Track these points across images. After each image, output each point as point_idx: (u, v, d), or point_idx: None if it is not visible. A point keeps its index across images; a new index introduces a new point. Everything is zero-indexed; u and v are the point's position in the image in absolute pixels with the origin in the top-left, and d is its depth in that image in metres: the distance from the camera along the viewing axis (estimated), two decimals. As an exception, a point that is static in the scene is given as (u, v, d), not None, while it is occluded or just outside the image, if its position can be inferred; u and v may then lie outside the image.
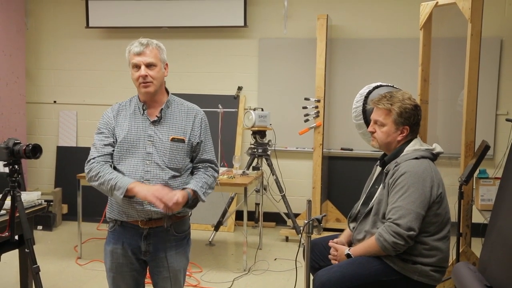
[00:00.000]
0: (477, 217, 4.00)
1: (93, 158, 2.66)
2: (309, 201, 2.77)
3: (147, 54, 2.62)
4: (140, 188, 2.53)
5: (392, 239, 2.74)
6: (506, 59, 5.82)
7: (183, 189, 2.63)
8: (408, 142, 3.00)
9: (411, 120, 2.97)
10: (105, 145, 2.67)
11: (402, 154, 2.95)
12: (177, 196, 2.53)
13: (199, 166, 2.77)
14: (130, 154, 2.65)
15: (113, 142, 2.67)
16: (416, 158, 2.88)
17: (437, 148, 3.02)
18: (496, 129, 5.85)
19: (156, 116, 2.69)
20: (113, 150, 2.67)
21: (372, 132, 3.06)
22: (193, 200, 2.67)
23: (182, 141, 2.68)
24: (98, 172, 2.61)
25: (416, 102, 3.03)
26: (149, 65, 2.62)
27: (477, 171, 3.80)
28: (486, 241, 2.91)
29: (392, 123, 2.97)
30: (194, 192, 2.64)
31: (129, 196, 2.56)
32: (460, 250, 3.89)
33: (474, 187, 3.98)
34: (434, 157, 2.99)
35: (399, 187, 2.81)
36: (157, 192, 2.49)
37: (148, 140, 2.65)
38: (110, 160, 2.67)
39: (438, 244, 2.85)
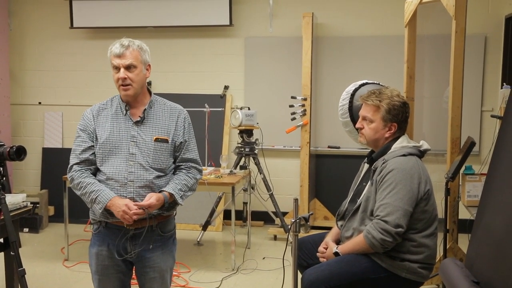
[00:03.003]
0: (464, 213, 4.02)
1: (73, 166, 2.66)
2: (295, 200, 2.76)
3: (127, 56, 2.59)
4: (114, 208, 2.55)
5: (380, 236, 2.75)
6: (490, 55, 5.86)
7: (160, 191, 2.63)
8: (395, 139, 3.01)
9: (399, 117, 2.98)
10: (84, 150, 2.66)
11: (390, 151, 2.96)
12: (152, 199, 2.55)
13: (182, 166, 2.75)
14: (113, 155, 2.62)
15: (93, 145, 2.66)
16: (404, 155, 2.89)
17: (424, 145, 3.04)
18: (482, 126, 5.89)
19: (139, 116, 2.67)
20: (93, 154, 2.66)
21: (360, 128, 3.06)
22: (170, 203, 2.66)
23: (166, 141, 2.67)
24: (80, 182, 2.62)
25: (404, 99, 3.04)
26: (128, 67, 2.59)
27: (463, 168, 3.82)
28: (473, 237, 2.92)
29: (381, 120, 2.97)
30: (171, 195, 2.63)
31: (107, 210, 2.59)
32: (447, 246, 3.91)
33: (460, 183, 4.00)
34: (421, 154, 3.00)
35: (387, 184, 2.81)
36: (125, 213, 2.53)
37: (131, 141, 2.63)
38: (91, 167, 2.67)
39: (425, 241, 2.86)
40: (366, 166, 3.18)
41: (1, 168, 3.00)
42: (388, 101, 2.95)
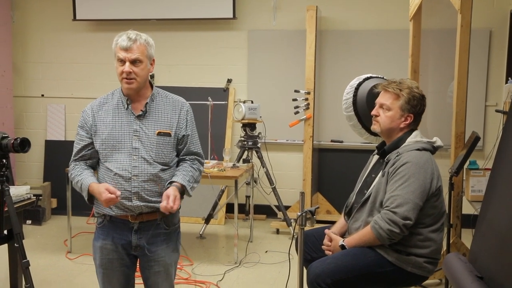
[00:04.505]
0: (468, 208, 4.02)
1: (71, 163, 2.72)
2: (302, 193, 2.76)
3: (133, 50, 2.56)
4: (95, 192, 2.56)
5: (387, 227, 2.74)
6: (495, 50, 5.84)
7: (171, 182, 2.62)
8: (409, 132, 3.00)
9: (417, 109, 2.98)
10: (81, 148, 2.69)
11: (404, 144, 2.95)
12: (177, 196, 2.56)
13: (186, 158, 2.75)
14: (116, 150, 2.62)
15: (91, 142, 2.67)
16: (418, 150, 2.88)
17: (438, 141, 3.03)
18: (486, 120, 5.88)
19: (141, 110, 2.65)
20: (90, 149, 2.68)
21: (376, 116, 3.04)
22: (181, 194, 2.66)
23: (169, 134, 2.66)
24: (71, 174, 2.68)
25: (423, 92, 3.03)
26: (134, 62, 2.57)
27: (467, 162, 3.81)
28: (477, 232, 2.92)
29: (398, 109, 2.96)
30: (182, 186, 2.63)
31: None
32: (451, 241, 3.91)
33: (464, 178, 4.00)
34: (434, 150, 2.99)
35: (400, 176, 2.81)
36: (106, 196, 2.49)
37: (134, 135, 2.62)
38: (87, 161, 2.70)
39: (432, 235, 2.86)
40: (375, 158, 3.17)
41: (5, 160, 3.00)
42: (408, 90, 2.95)
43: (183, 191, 2.65)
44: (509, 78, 4.51)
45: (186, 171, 2.69)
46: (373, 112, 3.06)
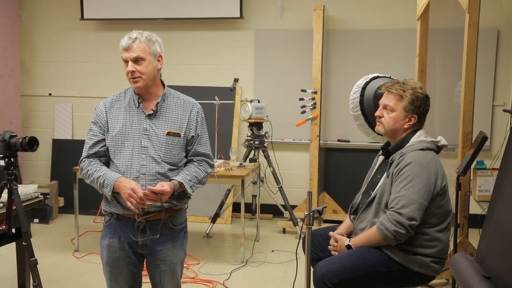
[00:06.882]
0: (475, 208, 4.00)
1: (83, 159, 2.70)
2: (309, 193, 2.76)
3: (133, 49, 2.58)
4: (121, 189, 2.54)
5: (393, 228, 2.74)
6: (503, 49, 5.81)
7: (170, 180, 2.62)
8: (413, 132, 2.99)
9: (421, 109, 2.97)
10: (94, 144, 2.68)
11: (408, 144, 2.95)
12: (165, 186, 2.54)
13: (194, 160, 2.74)
14: (125, 148, 2.63)
15: (104, 138, 2.67)
16: (422, 150, 2.88)
17: (442, 141, 3.02)
18: (493, 120, 5.85)
19: (152, 109, 2.66)
20: (103, 146, 2.67)
21: (379, 117, 3.04)
22: (179, 193, 2.65)
23: (178, 135, 2.66)
24: (87, 171, 2.66)
25: (426, 92, 3.02)
26: (136, 60, 2.58)
27: (474, 162, 3.80)
28: (484, 232, 2.91)
29: (402, 110, 2.96)
30: (181, 184, 2.62)
31: (117, 192, 2.59)
32: (458, 241, 3.90)
33: (471, 178, 3.99)
34: (438, 149, 2.99)
35: (404, 177, 2.81)
36: (130, 196, 2.51)
37: (144, 134, 2.63)
38: (101, 158, 2.69)
39: (439, 235, 2.85)
40: (380, 158, 3.16)
41: (13, 159, 3.02)
42: (412, 91, 2.94)
43: (182, 190, 2.64)
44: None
45: (189, 171, 2.69)
46: (377, 113, 3.06)
